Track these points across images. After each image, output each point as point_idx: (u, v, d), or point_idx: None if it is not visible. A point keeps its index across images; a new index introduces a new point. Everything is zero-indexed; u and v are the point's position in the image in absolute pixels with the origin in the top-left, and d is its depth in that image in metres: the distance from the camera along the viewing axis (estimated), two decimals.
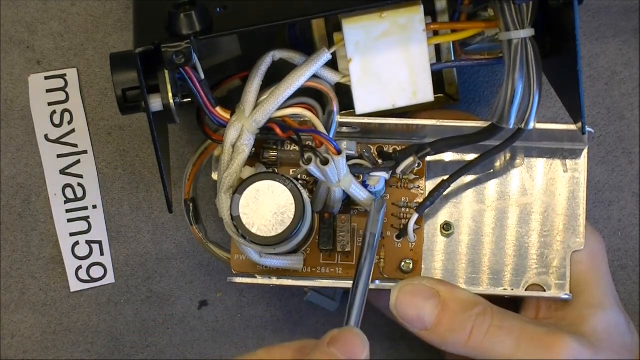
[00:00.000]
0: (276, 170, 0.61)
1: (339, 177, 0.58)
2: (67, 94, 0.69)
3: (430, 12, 0.60)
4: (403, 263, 0.61)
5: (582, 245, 0.61)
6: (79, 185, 0.69)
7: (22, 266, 0.69)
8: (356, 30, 0.57)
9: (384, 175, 0.60)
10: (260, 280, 0.61)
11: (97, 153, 0.69)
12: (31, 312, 0.70)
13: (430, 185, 0.61)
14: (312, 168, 0.58)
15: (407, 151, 0.60)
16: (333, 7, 0.56)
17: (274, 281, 0.61)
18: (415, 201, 0.61)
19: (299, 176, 0.61)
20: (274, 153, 0.61)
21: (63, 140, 0.69)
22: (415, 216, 0.60)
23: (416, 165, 0.61)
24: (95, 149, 0.69)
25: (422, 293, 0.59)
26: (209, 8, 0.56)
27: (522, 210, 0.62)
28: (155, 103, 0.57)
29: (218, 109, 0.59)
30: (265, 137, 0.61)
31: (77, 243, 0.69)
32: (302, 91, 0.59)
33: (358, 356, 0.55)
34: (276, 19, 0.55)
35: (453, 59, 0.62)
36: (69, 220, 0.69)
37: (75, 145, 0.69)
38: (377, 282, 0.61)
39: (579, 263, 0.61)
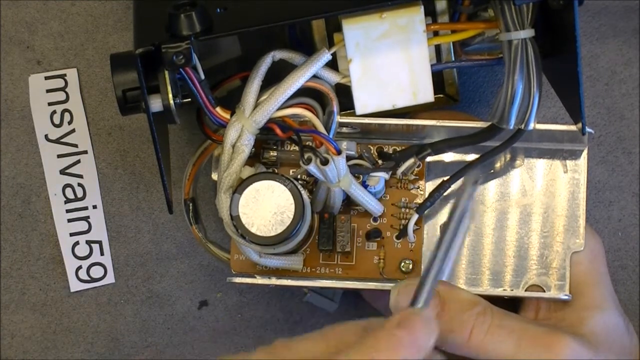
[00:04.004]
0: (276, 171, 0.61)
1: (338, 177, 0.58)
2: (67, 94, 0.69)
3: (431, 13, 0.60)
4: (403, 263, 0.61)
5: (582, 246, 0.61)
6: (79, 185, 0.69)
7: (22, 266, 0.69)
8: (356, 31, 0.57)
9: (384, 175, 0.60)
10: (260, 280, 0.61)
11: (97, 153, 0.69)
12: (31, 312, 0.69)
13: (429, 185, 0.61)
14: (312, 168, 0.58)
15: (407, 152, 0.60)
16: (333, 8, 0.56)
17: (274, 281, 0.61)
18: (415, 202, 0.61)
19: (298, 176, 0.61)
20: (274, 153, 0.61)
21: (63, 140, 0.69)
22: (415, 217, 0.60)
23: (416, 166, 0.61)
24: (95, 149, 0.69)
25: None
26: (209, 9, 0.56)
27: (522, 211, 0.61)
28: (156, 104, 0.57)
29: (218, 109, 0.59)
30: (265, 137, 0.61)
31: (77, 243, 0.69)
32: (302, 91, 0.59)
33: (425, 343, 0.52)
34: (276, 20, 0.55)
35: (453, 59, 0.62)
36: (69, 220, 0.69)
37: (75, 145, 0.69)
38: (377, 282, 0.61)
39: (579, 264, 0.61)
